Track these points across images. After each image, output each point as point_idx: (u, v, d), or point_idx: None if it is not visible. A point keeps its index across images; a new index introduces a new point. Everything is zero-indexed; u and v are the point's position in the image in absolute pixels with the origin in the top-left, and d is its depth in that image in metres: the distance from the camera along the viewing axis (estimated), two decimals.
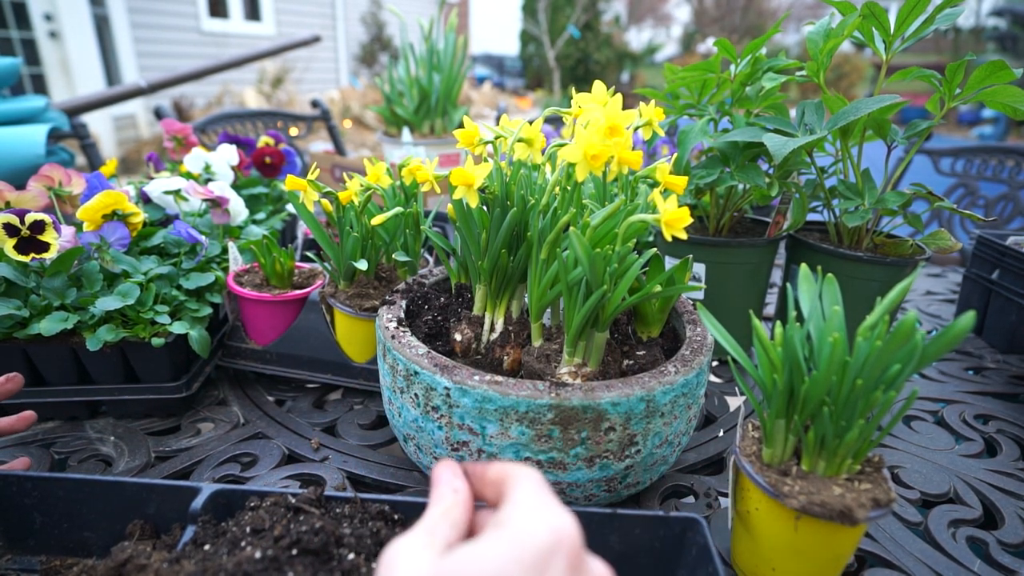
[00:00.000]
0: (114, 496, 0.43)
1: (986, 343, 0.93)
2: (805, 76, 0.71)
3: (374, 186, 0.66)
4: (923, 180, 0.76)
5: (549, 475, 0.48)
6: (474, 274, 0.59)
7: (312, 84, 7.37)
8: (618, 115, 0.46)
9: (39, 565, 0.43)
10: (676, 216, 0.42)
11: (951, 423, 0.71)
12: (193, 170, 0.95)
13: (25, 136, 1.03)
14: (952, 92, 0.65)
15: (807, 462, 0.43)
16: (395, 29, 8.81)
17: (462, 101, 7.06)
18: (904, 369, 0.38)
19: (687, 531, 0.42)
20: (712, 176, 0.71)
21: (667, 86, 0.82)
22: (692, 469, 0.61)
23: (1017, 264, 0.86)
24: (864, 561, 0.50)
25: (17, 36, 4.56)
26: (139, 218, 0.70)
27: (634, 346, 0.58)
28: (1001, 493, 0.58)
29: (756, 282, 0.79)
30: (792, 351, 0.41)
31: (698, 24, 16.54)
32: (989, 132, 8.22)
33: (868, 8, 0.65)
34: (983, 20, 13.58)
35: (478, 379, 0.47)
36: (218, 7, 6.36)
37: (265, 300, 0.70)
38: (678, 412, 0.50)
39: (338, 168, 1.35)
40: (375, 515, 0.40)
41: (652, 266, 0.56)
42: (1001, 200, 1.55)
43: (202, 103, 5.99)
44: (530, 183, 0.59)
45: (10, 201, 0.67)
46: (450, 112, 1.71)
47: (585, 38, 12.36)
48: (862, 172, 0.72)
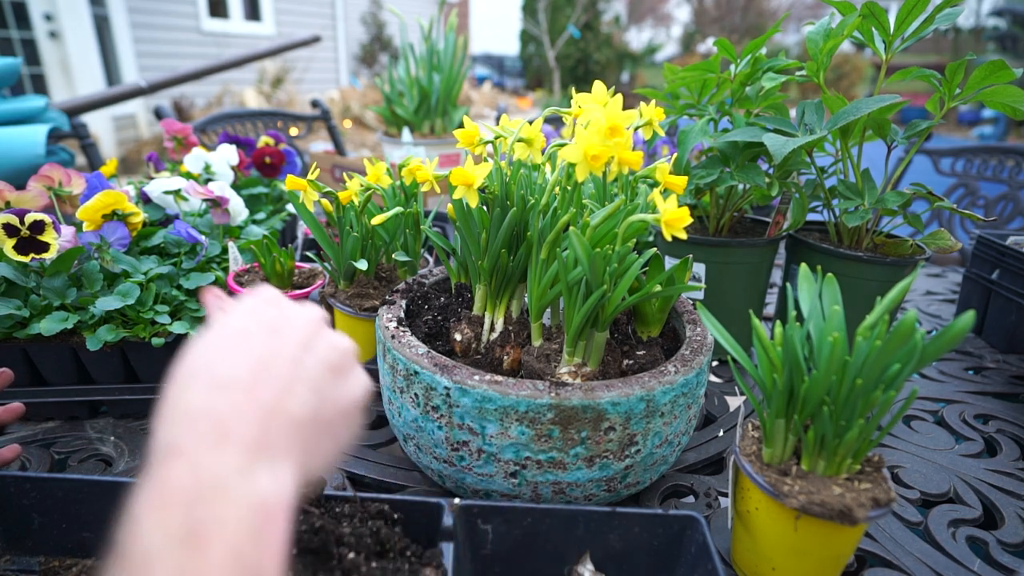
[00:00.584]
0: (114, 496, 0.43)
1: (986, 343, 0.93)
2: (805, 76, 0.71)
3: (374, 186, 0.66)
4: (923, 180, 0.76)
5: (549, 475, 0.48)
6: (474, 274, 0.59)
7: (312, 84, 7.37)
8: (618, 115, 0.46)
9: (38, 566, 0.43)
10: (676, 216, 0.42)
11: (951, 423, 0.71)
12: (193, 170, 0.95)
13: (25, 136, 1.03)
14: (952, 92, 0.65)
15: (807, 462, 0.43)
16: (395, 29, 8.81)
17: (462, 101, 7.06)
18: (904, 369, 0.38)
19: (686, 529, 0.42)
20: (712, 176, 0.71)
21: (667, 86, 0.82)
22: (692, 469, 0.61)
23: (1017, 264, 0.86)
24: (864, 561, 0.50)
25: (17, 36, 4.56)
26: (139, 218, 0.70)
27: (634, 346, 0.58)
28: (1001, 493, 0.58)
29: (756, 282, 0.79)
30: (792, 351, 0.41)
31: (698, 24, 16.54)
32: (989, 132, 8.22)
33: (868, 8, 0.65)
34: (983, 20, 13.58)
35: (478, 379, 0.47)
36: (218, 7, 6.36)
37: None
38: (678, 412, 0.50)
39: (338, 168, 1.35)
40: (375, 515, 0.40)
41: (652, 266, 0.56)
42: (1001, 200, 1.55)
43: (202, 103, 5.99)
44: (530, 183, 0.59)
45: (10, 201, 0.67)
46: (450, 112, 1.71)
47: (585, 38, 12.36)
48: (862, 172, 0.72)
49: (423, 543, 0.41)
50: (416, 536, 0.41)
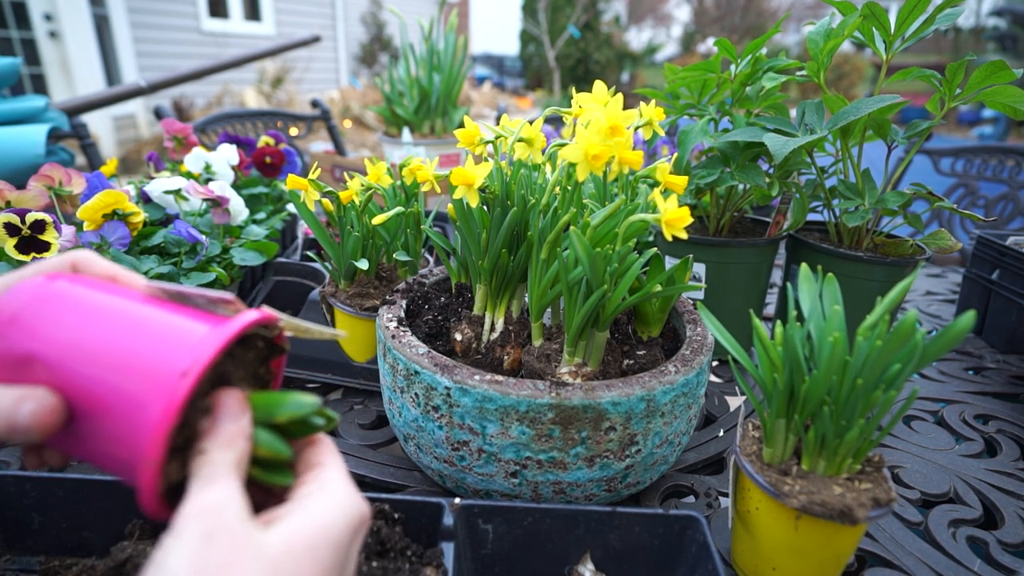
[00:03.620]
0: (114, 496, 0.43)
1: (986, 343, 0.93)
2: (805, 76, 0.71)
3: (375, 186, 0.66)
4: (923, 180, 0.76)
5: (550, 475, 0.48)
6: (474, 274, 0.59)
7: (312, 84, 7.37)
8: (619, 115, 0.46)
9: (38, 565, 0.43)
10: (676, 216, 0.42)
11: (951, 423, 0.71)
12: (193, 170, 0.95)
13: (25, 136, 1.03)
14: (952, 92, 0.65)
15: (807, 462, 0.43)
16: (395, 29, 8.81)
17: (462, 101, 7.06)
18: (904, 369, 0.38)
19: (687, 529, 0.42)
20: (712, 176, 0.71)
21: (667, 86, 0.82)
22: (692, 469, 0.61)
23: (1017, 264, 0.86)
24: (864, 561, 0.50)
25: (17, 36, 4.56)
26: (139, 218, 0.70)
27: (634, 346, 0.58)
28: (1001, 493, 0.58)
29: (756, 282, 0.79)
30: (792, 350, 0.41)
31: (698, 24, 16.54)
32: (989, 132, 8.22)
33: (868, 8, 0.65)
34: (983, 20, 13.59)
35: (478, 379, 0.47)
36: (218, 7, 6.36)
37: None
38: (678, 412, 0.50)
39: (338, 168, 1.35)
40: (375, 514, 0.40)
41: (652, 266, 0.56)
42: (1001, 200, 1.55)
43: (202, 103, 5.99)
44: (530, 183, 0.59)
45: (11, 200, 0.67)
46: (450, 112, 1.71)
47: (585, 38, 12.36)
48: (862, 172, 0.72)
49: (424, 543, 0.41)
50: (417, 536, 0.41)
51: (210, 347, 0.25)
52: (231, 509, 0.23)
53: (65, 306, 0.27)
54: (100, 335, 0.26)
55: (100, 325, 0.26)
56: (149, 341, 0.26)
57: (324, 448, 0.29)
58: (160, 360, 0.25)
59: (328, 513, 0.26)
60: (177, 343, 0.26)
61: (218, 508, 0.23)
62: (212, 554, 0.22)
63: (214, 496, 0.24)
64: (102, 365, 0.25)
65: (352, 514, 0.26)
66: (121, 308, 0.27)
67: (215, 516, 0.23)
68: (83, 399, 0.25)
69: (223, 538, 0.22)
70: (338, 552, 0.25)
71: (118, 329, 0.26)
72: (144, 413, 0.24)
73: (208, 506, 0.23)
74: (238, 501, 0.24)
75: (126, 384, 0.25)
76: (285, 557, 0.23)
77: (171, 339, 0.26)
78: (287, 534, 0.24)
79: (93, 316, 0.27)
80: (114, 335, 0.26)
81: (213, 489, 0.24)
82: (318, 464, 0.28)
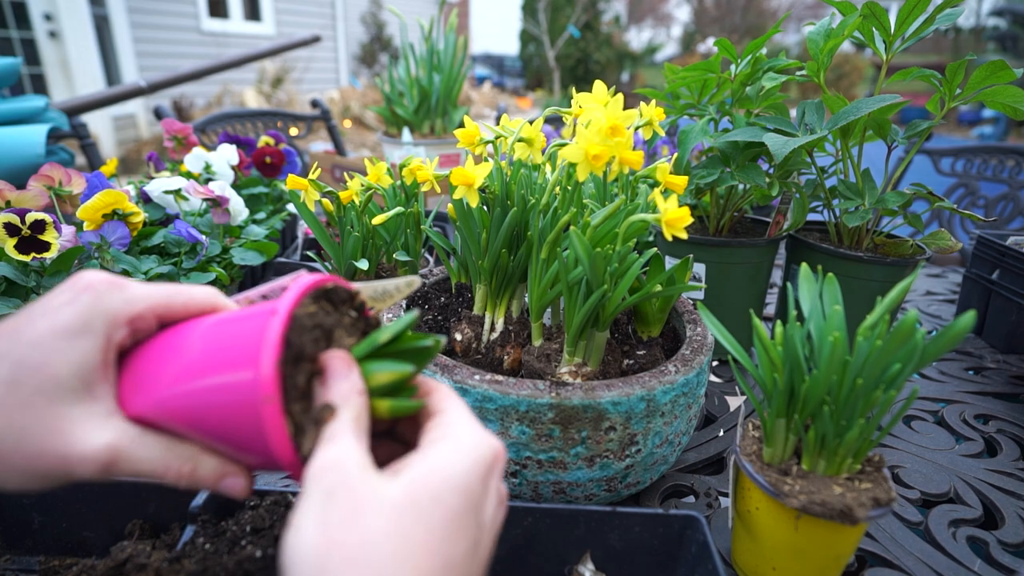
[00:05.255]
0: (113, 495, 0.43)
1: (986, 343, 0.93)
2: (805, 76, 0.71)
3: (375, 186, 0.66)
4: (923, 180, 0.76)
5: (550, 474, 0.48)
6: (474, 274, 0.59)
7: (312, 84, 7.37)
8: (619, 114, 0.46)
9: (38, 565, 0.43)
10: (676, 216, 0.42)
11: (951, 423, 0.71)
12: (193, 170, 0.95)
13: (25, 136, 1.03)
14: (952, 92, 0.65)
15: (807, 461, 0.43)
16: (395, 29, 8.80)
17: (462, 101, 7.06)
18: (904, 369, 0.38)
19: (687, 529, 0.42)
20: (712, 176, 0.71)
21: (667, 86, 0.82)
22: (692, 469, 0.61)
23: (1017, 264, 0.86)
24: (864, 561, 0.50)
25: (17, 36, 4.56)
26: (139, 217, 0.70)
27: (634, 346, 0.58)
28: (1001, 493, 0.58)
29: (756, 282, 0.79)
30: (792, 350, 0.41)
31: (698, 24, 16.54)
32: (989, 132, 8.22)
33: (868, 8, 0.65)
34: (983, 20, 13.59)
35: (478, 378, 0.47)
36: (218, 7, 6.36)
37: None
38: (678, 411, 0.50)
39: (338, 168, 1.35)
40: None
41: (652, 266, 0.56)
42: (1001, 200, 1.55)
43: (202, 103, 5.99)
44: (530, 183, 0.59)
45: (10, 200, 0.67)
46: (450, 112, 1.71)
47: (585, 38, 12.36)
48: (862, 172, 0.72)
49: None
50: None
51: (292, 294, 0.27)
52: (350, 463, 0.24)
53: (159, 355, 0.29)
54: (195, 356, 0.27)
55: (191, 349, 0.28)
56: (238, 335, 0.27)
57: (442, 395, 0.30)
58: (253, 334, 0.26)
59: (450, 457, 0.26)
60: (260, 317, 0.27)
61: (336, 464, 0.24)
62: (335, 509, 0.22)
63: (332, 453, 0.24)
64: (208, 369, 0.27)
65: (480, 454, 0.26)
66: (203, 329, 0.29)
67: (334, 472, 0.23)
68: (212, 425, 0.27)
69: (344, 493, 0.23)
70: (467, 495, 0.25)
71: (210, 343, 0.28)
72: (256, 362, 0.25)
73: (327, 463, 0.24)
74: (357, 455, 0.24)
75: (237, 371, 0.26)
76: (408, 505, 0.23)
77: (256, 318, 0.27)
78: (409, 482, 0.24)
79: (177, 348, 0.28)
80: (209, 347, 0.27)
81: (332, 446, 0.24)
82: (438, 411, 0.29)
